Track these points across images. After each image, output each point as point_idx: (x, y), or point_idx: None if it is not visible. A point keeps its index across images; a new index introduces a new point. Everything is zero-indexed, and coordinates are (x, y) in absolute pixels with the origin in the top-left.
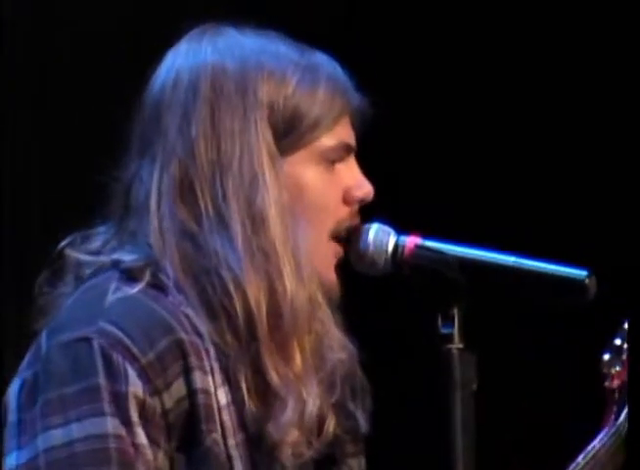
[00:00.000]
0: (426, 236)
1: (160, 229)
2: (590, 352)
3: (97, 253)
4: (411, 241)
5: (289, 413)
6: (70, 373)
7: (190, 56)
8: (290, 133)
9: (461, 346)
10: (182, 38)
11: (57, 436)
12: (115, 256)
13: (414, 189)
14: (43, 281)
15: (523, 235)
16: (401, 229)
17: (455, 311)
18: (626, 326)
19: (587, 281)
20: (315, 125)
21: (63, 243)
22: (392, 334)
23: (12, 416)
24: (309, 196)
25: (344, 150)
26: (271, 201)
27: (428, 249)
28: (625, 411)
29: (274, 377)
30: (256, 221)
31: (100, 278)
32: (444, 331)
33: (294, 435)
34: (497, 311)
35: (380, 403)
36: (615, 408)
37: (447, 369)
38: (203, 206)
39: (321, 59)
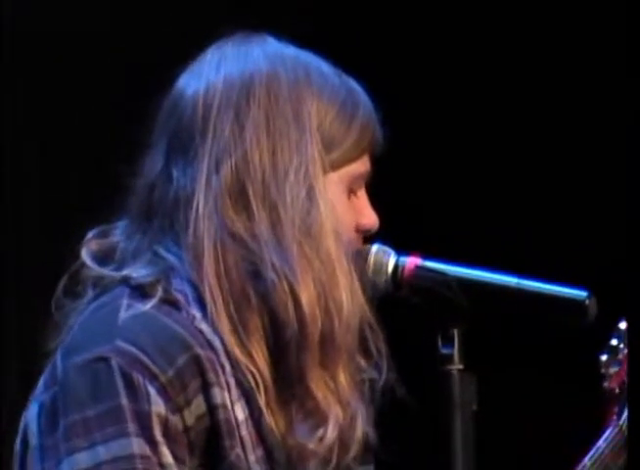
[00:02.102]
0: (426, 257)
1: (200, 230)
2: (592, 370)
3: (111, 258)
4: (411, 261)
5: (329, 430)
6: (91, 395)
7: (240, 59)
8: (334, 150)
9: (461, 366)
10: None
11: (83, 459)
12: (126, 271)
13: (414, 210)
14: (60, 293)
15: (523, 256)
16: (401, 250)
17: (455, 332)
18: (623, 326)
19: (587, 302)
20: (349, 152)
21: (85, 238)
22: (392, 354)
23: (33, 440)
24: (337, 216)
25: (364, 180)
26: (326, 214)
27: (428, 269)
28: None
29: (317, 392)
30: (312, 232)
31: (110, 295)
32: (444, 352)
33: (326, 449)
34: (498, 332)
35: (379, 425)
36: (616, 408)
37: (447, 390)
38: (255, 211)
39: (357, 88)
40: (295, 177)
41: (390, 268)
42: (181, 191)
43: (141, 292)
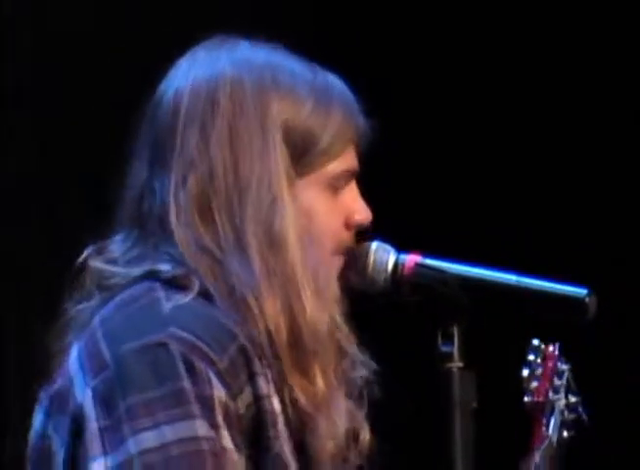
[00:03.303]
0: (426, 254)
1: (182, 242)
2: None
3: (119, 263)
4: (411, 259)
5: (322, 429)
6: (152, 378)
7: (208, 67)
8: (302, 157)
9: (461, 364)
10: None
11: (149, 439)
12: (148, 266)
13: (414, 207)
14: (66, 299)
15: (523, 253)
16: (401, 247)
17: (455, 330)
18: (536, 342)
19: (587, 300)
20: (327, 151)
21: (81, 257)
22: (392, 352)
23: (90, 424)
24: (315, 220)
25: (349, 176)
26: (290, 224)
27: (428, 267)
28: (554, 422)
29: (301, 396)
30: (275, 244)
31: (137, 288)
32: (444, 349)
33: (330, 447)
34: (497, 329)
35: (379, 422)
36: (543, 420)
37: (447, 388)
38: (220, 225)
39: (333, 81)
40: (256, 189)
41: (390, 266)
42: (161, 204)
43: (176, 284)
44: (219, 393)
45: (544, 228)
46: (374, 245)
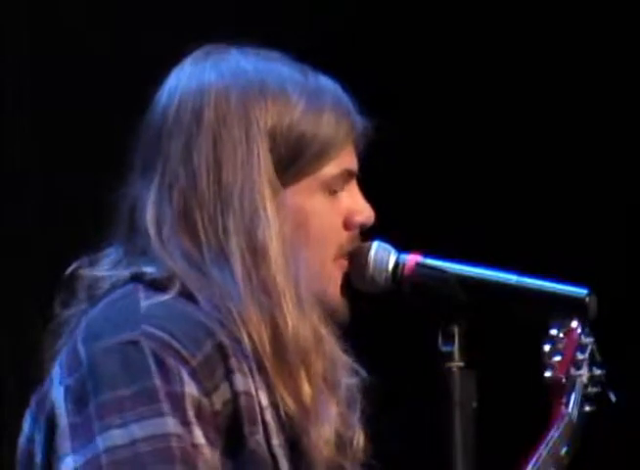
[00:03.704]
0: (426, 254)
1: (171, 253)
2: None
3: (110, 270)
4: (411, 259)
5: (314, 434)
6: (123, 375)
7: (193, 80)
8: (293, 163)
9: (461, 364)
10: (185, 56)
11: (118, 436)
12: (134, 269)
13: (414, 207)
14: (56, 307)
15: (523, 253)
16: (402, 247)
17: (455, 329)
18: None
19: (587, 300)
20: (320, 154)
21: (71, 267)
22: (392, 352)
23: (62, 421)
24: (312, 224)
25: (347, 177)
26: (272, 235)
27: (428, 267)
28: (574, 398)
29: (289, 403)
30: (257, 256)
31: (121, 290)
32: (445, 349)
33: (325, 450)
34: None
35: (379, 422)
36: (563, 397)
37: (447, 388)
38: (203, 237)
39: (325, 82)
40: (239, 199)
41: (391, 266)
42: (146, 215)
43: (157, 285)
44: (191, 390)
45: (544, 228)
46: (374, 245)
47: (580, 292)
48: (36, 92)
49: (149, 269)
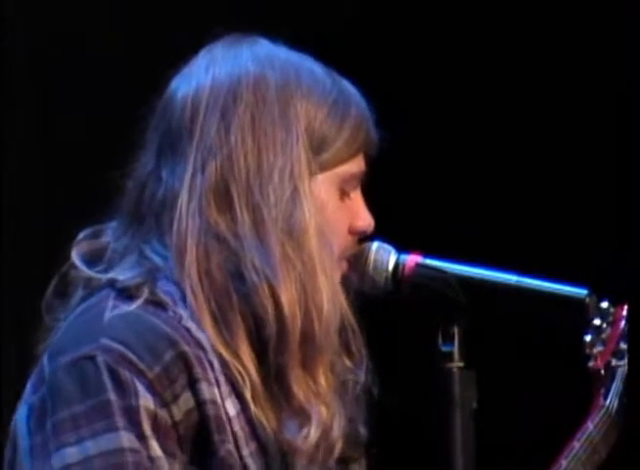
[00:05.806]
0: (426, 254)
1: (184, 229)
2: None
3: (100, 259)
4: (412, 259)
5: (312, 430)
6: (78, 392)
7: (228, 61)
8: (318, 155)
9: (461, 364)
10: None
11: (72, 454)
12: (112, 273)
13: (415, 207)
14: (51, 295)
15: (523, 253)
16: (402, 247)
17: (455, 330)
18: (605, 305)
19: (587, 300)
20: (339, 154)
21: (74, 242)
22: (392, 352)
23: (22, 442)
24: (326, 218)
25: (358, 180)
26: (311, 214)
27: (428, 267)
28: (613, 390)
29: (298, 392)
30: (295, 234)
31: (96, 298)
32: (444, 349)
33: (312, 448)
34: (497, 329)
35: (379, 423)
36: (602, 389)
37: (447, 388)
38: (239, 212)
39: (350, 88)
40: (279, 178)
41: (391, 266)
42: (168, 191)
43: (127, 294)
44: (146, 402)
45: (544, 228)
46: (374, 245)
47: (580, 292)
48: (36, 92)
49: (123, 275)
